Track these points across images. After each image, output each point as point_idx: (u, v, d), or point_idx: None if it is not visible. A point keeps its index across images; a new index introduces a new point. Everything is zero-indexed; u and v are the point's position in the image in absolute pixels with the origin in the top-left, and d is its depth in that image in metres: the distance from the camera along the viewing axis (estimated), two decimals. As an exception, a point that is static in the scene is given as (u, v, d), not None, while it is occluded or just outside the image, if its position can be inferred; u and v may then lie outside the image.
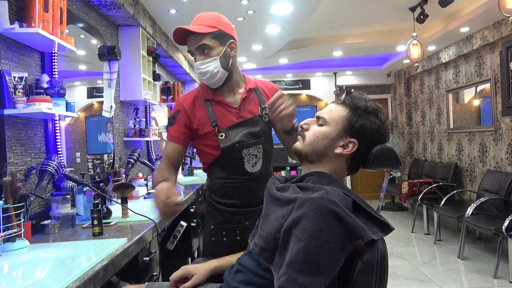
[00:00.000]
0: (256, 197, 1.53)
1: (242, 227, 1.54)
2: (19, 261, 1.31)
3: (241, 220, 1.54)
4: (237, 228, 1.54)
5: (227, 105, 1.54)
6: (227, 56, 1.51)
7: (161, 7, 3.50)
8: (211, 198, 1.60)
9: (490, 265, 3.68)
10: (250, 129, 1.53)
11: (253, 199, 1.55)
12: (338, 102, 1.13)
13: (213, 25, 1.49)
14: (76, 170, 2.24)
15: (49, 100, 1.74)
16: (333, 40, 5.38)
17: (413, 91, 6.94)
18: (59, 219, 1.76)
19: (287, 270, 0.89)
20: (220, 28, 1.50)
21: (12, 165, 1.68)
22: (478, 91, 5.00)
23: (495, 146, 4.54)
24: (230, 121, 1.52)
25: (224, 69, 1.50)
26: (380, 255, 0.91)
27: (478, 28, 4.52)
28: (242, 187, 1.54)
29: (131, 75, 3.23)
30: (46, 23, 1.75)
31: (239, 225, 1.54)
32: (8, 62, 1.69)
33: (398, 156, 1.10)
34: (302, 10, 3.80)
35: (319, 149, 1.08)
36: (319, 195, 0.93)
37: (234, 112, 1.54)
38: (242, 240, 1.51)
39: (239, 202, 1.55)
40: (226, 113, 1.53)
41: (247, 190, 1.54)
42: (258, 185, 1.53)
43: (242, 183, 1.54)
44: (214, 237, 1.56)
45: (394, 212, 6.47)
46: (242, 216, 1.55)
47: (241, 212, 1.54)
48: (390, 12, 4.45)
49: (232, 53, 1.53)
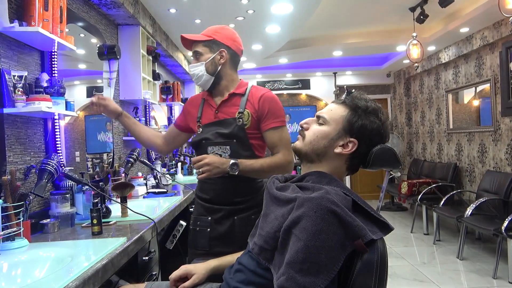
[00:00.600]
0: (223, 197, 1.63)
1: (203, 219, 1.65)
2: (18, 260, 1.31)
3: (204, 213, 1.66)
4: (198, 219, 1.67)
5: (211, 105, 1.69)
6: (215, 63, 1.65)
7: (161, 7, 3.49)
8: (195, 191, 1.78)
9: (489, 266, 3.69)
10: (220, 130, 1.63)
11: (220, 199, 1.64)
12: (339, 102, 1.13)
13: (209, 34, 1.65)
14: (76, 169, 2.24)
15: (48, 99, 1.74)
16: (333, 40, 5.38)
17: (412, 91, 6.94)
18: (58, 218, 1.76)
19: (286, 269, 0.89)
20: (214, 38, 1.64)
21: (12, 164, 1.68)
22: (477, 92, 5.01)
23: (494, 147, 4.54)
24: (208, 119, 1.68)
25: (209, 74, 1.65)
26: (379, 255, 0.91)
27: (478, 29, 4.52)
28: (210, 184, 1.65)
29: (131, 74, 3.22)
30: (46, 22, 1.75)
31: (201, 217, 1.67)
32: (7, 61, 1.69)
33: (398, 156, 1.10)
34: (302, 9, 3.80)
35: (318, 149, 1.08)
36: (319, 194, 0.93)
37: (212, 112, 1.68)
38: (200, 232, 1.64)
39: (209, 198, 1.67)
40: (208, 112, 1.69)
41: (214, 188, 1.65)
42: (227, 186, 1.62)
43: (212, 181, 1.63)
44: (191, 226, 1.72)
45: (393, 212, 6.47)
46: (206, 210, 1.66)
47: (207, 206, 1.66)
48: (390, 12, 4.45)
49: (221, 60, 1.65)
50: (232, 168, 1.53)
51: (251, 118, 1.61)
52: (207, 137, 1.64)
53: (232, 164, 1.53)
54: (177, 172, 4.07)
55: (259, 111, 1.61)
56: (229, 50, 1.66)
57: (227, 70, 1.67)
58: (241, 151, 1.61)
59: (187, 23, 3.99)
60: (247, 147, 1.62)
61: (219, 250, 1.55)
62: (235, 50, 1.68)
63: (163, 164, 4.12)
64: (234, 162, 1.54)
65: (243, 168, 1.55)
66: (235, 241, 1.58)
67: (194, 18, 3.87)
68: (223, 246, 1.58)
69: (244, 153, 1.61)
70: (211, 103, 1.69)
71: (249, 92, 1.66)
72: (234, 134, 1.60)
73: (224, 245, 1.58)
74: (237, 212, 1.63)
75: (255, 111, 1.61)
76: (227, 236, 1.61)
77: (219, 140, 1.62)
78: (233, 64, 1.70)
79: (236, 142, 1.60)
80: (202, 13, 3.73)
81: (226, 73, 1.67)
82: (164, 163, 4.20)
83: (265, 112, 1.61)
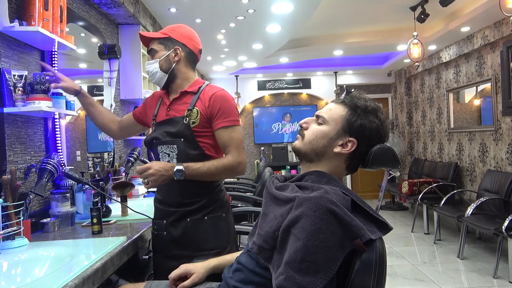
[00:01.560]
0: (173, 198, 1.60)
1: (159, 223, 1.61)
2: (18, 259, 1.31)
3: (159, 217, 1.63)
4: (154, 224, 1.64)
5: (165, 103, 1.68)
6: (169, 60, 1.64)
7: (162, 6, 3.49)
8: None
9: (489, 265, 3.68)
10: (168, 128, 1.61)
11: (170, 199, 1.61)
12: (338, 101, 1.13)
13: (165, 32, 1.65)
14: (76, 168, 2.24)
15: (48, 98, 1.74)
16: (333, 39, 5.37)
17: (413, 90, 6.93)
18: (58, 217, 1.77)
19: (285, 269, 0.89)
20: (169, 35, 1.64)
21: (12, 163, 1.68)
22: (478, 91, 5.00)
23: (495, 146, 4.53)
24: (161, 117, 1.66)
25: (163, 71, 1.64)
26: (378, 254, 0.91)
27: (479, 28, 4.51)
28: (164, 185, 1.58)
29: (131, 73, 3.23)
30: (46, 22, 1.75)
31: (156, 220, 1.63)
32: (8, 60, 1.69)
33: (397, 156, 1.10)
34: (302, 9, 3.79)
35: (318, 148, 1.08)
36: (318, 194, 0.94)
37: (164, 110, 1.67)
38: (158, 236, 1.61)
39: (159, 198, 1.65)
40: (163, 110, 1.67)
41: (165, 189, 1.62)
42: (175, 187, 1.58)
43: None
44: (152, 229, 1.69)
45: (394, 211, 6.47)
46: (161, 213, 1.63)
47: (161, 209, 1.63)
48: (391, 11, 4.44)
49: (175, 58, 1.64)
50: (177, 174, 1.49)
51: (200, 116, 1.56)
52: (157, 136, 1.61)
53: (177, 171, 1.49)
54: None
55: (209, 109, 1.57)
56: (184, 48, 1.64)
57: (182, 68, 1.65)
58: (188, 150, 1.56)
59: (188, 22, 3.98)
60: (195, 146, 1.57)
61: (177, 253, 1.55)
62: (191, 48, 1.66)
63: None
64: (179, 168, 1.49)
65: (190, 173, 1.51)
66: (191, 243, 1.55)
67: (195, 18, 3.87)
68: (180, 249, 1.56)
69: (192, 152, 1.57)
70: (165, 101, 1.68)
71: (202, 91, 1.62)
72: (181, 133, 1.57)
73: (181, 248, 1.56)
74: (189, 214, 1.57)
75: (204, 109, 1.57)
76: (182, 239, 1.56)
77: (167, 139, 1.59)
78: (189, 62, 1.67)
79: (183, 141, 1.57)
80: (202, 12, 3.73)
81: (181, 71, 1.65)
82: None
83: (215, 111, 1.56)
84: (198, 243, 1.56)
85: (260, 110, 7.48)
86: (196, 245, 1.56)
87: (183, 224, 1.57)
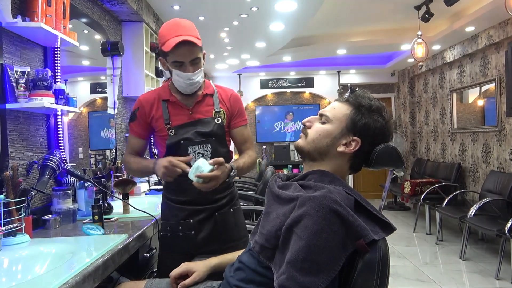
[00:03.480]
0: (203, 197, 1.59)
1: (185, 224, 1.61)
2: (19, 256, 1.31)
3: (185, 217, 1.62)
4: (179, 225, 1.61)
5: (181, 106, 1.64)
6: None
7: (165, 3, 3.49)
8: (164, 194, 1.70)
9: (492, 266, 3.67)
10: (200, 129, 1.62)
11: (200, 199, 1.60)
12: (342, 100, 1.12)
13: (198, 36, 1.57)
14: (79, 165, 2.24)
15: (51, 95, 1.74)
16: (337, 38, 5.35)
17: (417, 90, 6.90)
18: (60, 214, 1.77)
19: (287, 268, 0.88)
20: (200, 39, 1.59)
21: (14, 160, 1.68)
22: (482, 91, 4.97)
23: (499, 147, 4.51)
24: (181, 120, 1.62)
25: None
26: (381, 255, 0.90)
27: (484, 28, 4.48)
28: (186, 184, 1.55)
29: (134, 71, 3.22)
30: (49, 18, 1.74)
31: (182, 221, 1.61)
32: (10, 56, 1.69)
33: (401, 156, 1.09)
34: (306, 7, 3.78)
35: (321, 147, 1.07)
36: (321, 193, 0.93)
37: (186, 113, 1.64)
38: (184, 236, 1.60)
39: (186, 199, 1.62)
40: (179, 113, 1.64)
41: (191, 188, 1.56)
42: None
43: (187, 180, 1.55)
44: (161, 232, 1.66)
45: (396, 211, 6.45)
46: (187, 213, 1.62)
47: (187, 209, 1.61)
48: (395, 10, 4.42)
49: (204, 62, 1.65)
50: (231, 177, 1.53)
51: (225, 116, 1.68)
52: (187, 137, 1.59)
53: (233, 174, 1.53)
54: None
55: (231, 109, 1.69)
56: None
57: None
58: (219, 148, 1.63)
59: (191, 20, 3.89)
60: (224, 144, 1.66)
61: (204, 250, 1.56)
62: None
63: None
64: (234, 171, 1.53)
65: (238, 172, 1.59)
66: (221, 237, 1.61)
67: (198, 15, 3.86)
68: (208, 246, 1.59)
69: (222, 149, 1.64)
70: (180, 104, 1.64)
71: (216, 92, 1.70)
72: (214, 132, 1.62)
73: (209, 245, 1.59)
74: (217, 208, 1.64)
75: (227, 110, 1.68)
76: (212, 234, 1.61)
77: (199, 139, 1.60)
78: None
79: (215, 140, 1.62)
80: (205, 10, 3.72)
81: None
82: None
83: (235, 111, 1.70)
84: (229, 235, 1.63)
85: (263, 108, 7.47)
86: (227, 237, 1.61)
87: (211, 220, 1.62)
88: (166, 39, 1.53)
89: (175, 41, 1.49)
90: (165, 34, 1.55)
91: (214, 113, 1.65)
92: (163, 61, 1.63)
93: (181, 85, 1.61)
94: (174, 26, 1.56)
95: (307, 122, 1.13)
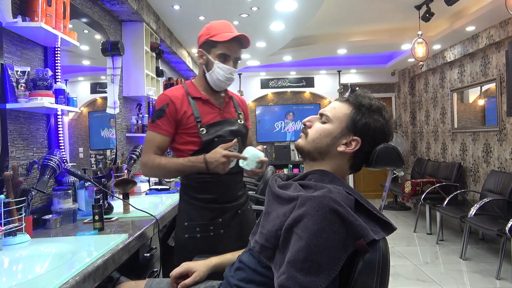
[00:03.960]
0: (231, 194, 1.66)
1: (216, 223, 1.62)
2: (19, 256, 1.31)
3: (215, 217, 1.63)
4: (210, 225, 1.62)
5: (213, 104, 1.68)
6: None
7: (165, 3, 3.49)
8: (186, 194, 1.67)
9: (492, 266, 3.66)
10: (229, 128, 1.67)
11: (227, 196, 1.66)
12: (342, 100, 1.12)
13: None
14: (79, 165, 2.24)
15: (51, 94, 1.74)
16: (337, 38, 5.35)
17: (417, 90, 6.90)
18: (60, 214, 1.76)
19: (287, 268, 0.88)
20: None
21: (14, 159, 1.68)
22: (483, 91, 4.97)
23: (499, 147, 4.51)
24: (212, 119, 1.65)
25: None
26: (381, 254, 0.90)
27: (484, 27, 4.48)
28: (218, 182, 1.62)
29: (134, 71, 3.22)
30: (49, 17, 1.74)
31: (212, 221, 1.62)
32: (10, 56, 1.69)
33: (402, 155, 1.09)
34: (306, 7, 3.78)
35: (321, 147, 1.07)
36: (321, 193, 0.92)
37: (217, 112, 1.68)
38: (216, 236, 1.62)
39: (215, 198, 1.63)
40: (210, 112, 1.66)
41: (223, 186, 1.63)
42: (232, 182, 1.68)
43: (218, 179, 1.62)
44: (187, 234, 1.62)
45: (396, 211, 6.45)
46: (216, 212, 1.63)
47: (216, 208, 1.63)
48: (395, 10, 4.42)
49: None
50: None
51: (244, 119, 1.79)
52: (220, 135, 1.63)
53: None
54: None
55: (245, 112, 1.82)
56: None
57: None
58: (242, 147, 1.67)
59: (191, 20, 3.98)
60: (245, 143, 1.77)
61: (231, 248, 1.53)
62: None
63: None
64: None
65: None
66: (244, 235, 1.62)
67: (198, 15, 3.86)
68: (235, 243, 1.61)
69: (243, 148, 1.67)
70: (212, 103, 1.68)
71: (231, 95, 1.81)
72: (241, 132, 1.72)
73: (236, 243, 1.61)
74: (240, 205, 1.70)
75: (243, 112, 1.81)
76: (238, 231, 1.66)
77: (230, 138, 1.62)
78: None
79: (241, 139, 1.70)
80: (206, 9, 3.72)
81: None
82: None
83: (247, 116, 1.84)
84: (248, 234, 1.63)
85: (263, 108, 7.46)
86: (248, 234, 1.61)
87: (236, 217, 1.66)
88: (219, 32, 1.59)
89: (232, 35, 1.58)
90: (217, 28, 1.62)
91: (237, 114, 1.75)
92: (203, 52, 1.65)
93: (220, 78, 1.63)
94: (227, 24, 1.65)
95: (307, 122, 1.13)
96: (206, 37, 1.62)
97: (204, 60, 1.65)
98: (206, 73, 1.66)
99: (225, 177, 1.62)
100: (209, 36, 1.61)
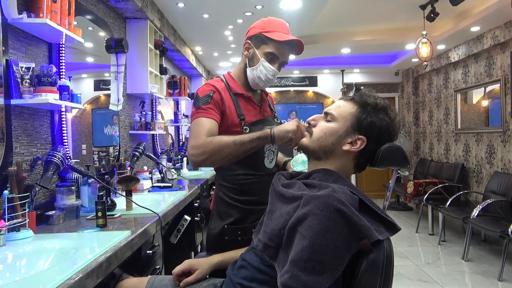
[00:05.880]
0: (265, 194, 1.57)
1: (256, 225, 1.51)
2: (23, 251, 1.31)
3: (257, 219, 1.49)
4: (253, 227, 1.49)
5: (254, 102, 1.60)
6: None
7: (169, 1, 3.48)
8: (226, 196, 1.57)
9: (494, 267, 3.65)
10: (270, 126, 1.55)
11: (263, 197, 1.52)
12: (347, 99, 1.11)
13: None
14: (82, 162, 2.25)
15: (55, 91, 1.74)
16: (341, 37, 5.33)
17: (421, 90, 6.88)
18: (63, 210, 1.77)
19: (290, 267, 0.88)
20: None
21: (18, 155, 1.68)
22: (487, 92, 4.95)
23: (503, 148, 4.49)
24: (254, 117, 1.57)
25: None
26: (385, 255, 0.90)
27: (489, 28, 4.45)
28: (259, 183, 1.53)
29: (138, 68, 3.22)
30: (54, 14, 1.75)
31: (254, 223, 1.50)
32: (15, 52, 1.69)
33: (407, 155, 1.08)
34: (310, 6, 3.77)
35: (326, 146, 1.07)
36: (325, 193, 0.92)
37: (258, 110, 1.61)
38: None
39: (257, 199, 1.53)
40: (252, 110, 1.59)
41: (264, 187, 1.50)
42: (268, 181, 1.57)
43: (259, 179, 1.54)
44: (227, 237, 1.53)
45: (398, 211, 6.44)
46: (258, 215, 1.50)
47: (258, 210, 1.51)
48: (400, 9, 4.40)
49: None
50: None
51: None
52: None
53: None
54: (182, 167, 4.08)
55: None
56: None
57: None
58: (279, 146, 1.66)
59: (195, 17, 3.98)
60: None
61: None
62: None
63: (169, 159, 4.13)
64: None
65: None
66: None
67: (202, 13, 3.85)
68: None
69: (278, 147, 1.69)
70: (253, 100, 1.60)
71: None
72: None
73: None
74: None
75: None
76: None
77: None
78: None
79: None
80: (210, 7, 3.72)
81: None
82: (169, 157, 4.21)
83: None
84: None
85: (266, 107, 7.45)
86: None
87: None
88: (275, 30, 1.50)
89: (288, 37, 1.50)
90: (275, 25, 1.52)
91: (273, 113, 1.71)
92: (251, 45, 1.54)
93: (262, 76, 1.53)
94: (284, 25, 1.56)
95: (312, 121, 1.13)
96: (260, 30, 1.52)
97: (249, 53, 1.55)
98: (247, 67, 1.56)
99: (266, 178, 1.53)
100: (263, 30, 1.51)
